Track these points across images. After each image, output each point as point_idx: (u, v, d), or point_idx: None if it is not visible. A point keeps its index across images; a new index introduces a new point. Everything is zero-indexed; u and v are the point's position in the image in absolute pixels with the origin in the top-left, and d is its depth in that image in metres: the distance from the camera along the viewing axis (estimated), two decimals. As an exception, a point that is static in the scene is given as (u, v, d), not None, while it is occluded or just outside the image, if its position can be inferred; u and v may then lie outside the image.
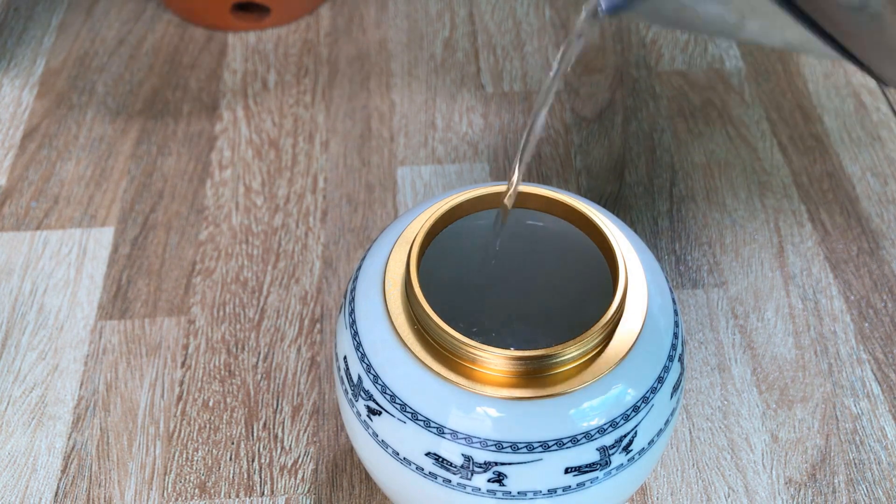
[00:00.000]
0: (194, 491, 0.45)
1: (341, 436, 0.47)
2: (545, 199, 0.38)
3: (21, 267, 0.54)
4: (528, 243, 0.42)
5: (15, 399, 0.49)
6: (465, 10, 0.71)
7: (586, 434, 0.33)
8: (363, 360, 0.35)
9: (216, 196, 0.58)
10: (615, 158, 0.61)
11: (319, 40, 0.69)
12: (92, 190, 0.59)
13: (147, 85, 0.65)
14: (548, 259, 0.43)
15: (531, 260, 0.43)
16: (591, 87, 0.65)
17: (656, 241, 0.56)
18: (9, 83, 0.66)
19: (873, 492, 0.45)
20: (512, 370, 0.33)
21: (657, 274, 0.38)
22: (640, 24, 0.70)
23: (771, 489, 0.46)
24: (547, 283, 0.44)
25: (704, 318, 0.52)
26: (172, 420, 0.48)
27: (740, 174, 0.60)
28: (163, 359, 0.50)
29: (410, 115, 0.64)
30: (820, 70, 0.66)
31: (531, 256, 0.43)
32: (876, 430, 0.48)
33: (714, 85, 0.65)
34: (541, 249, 0.42)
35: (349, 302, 0.37)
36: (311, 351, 0.51)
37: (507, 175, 0.60)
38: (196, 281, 0.54)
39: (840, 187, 0.59)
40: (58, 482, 0.46)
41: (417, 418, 0.34)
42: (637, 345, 0.35)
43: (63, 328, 0.52)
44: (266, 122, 0.63)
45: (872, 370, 0.50)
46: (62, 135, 0.62)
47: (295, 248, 0.56)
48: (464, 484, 0.34)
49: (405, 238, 0.37)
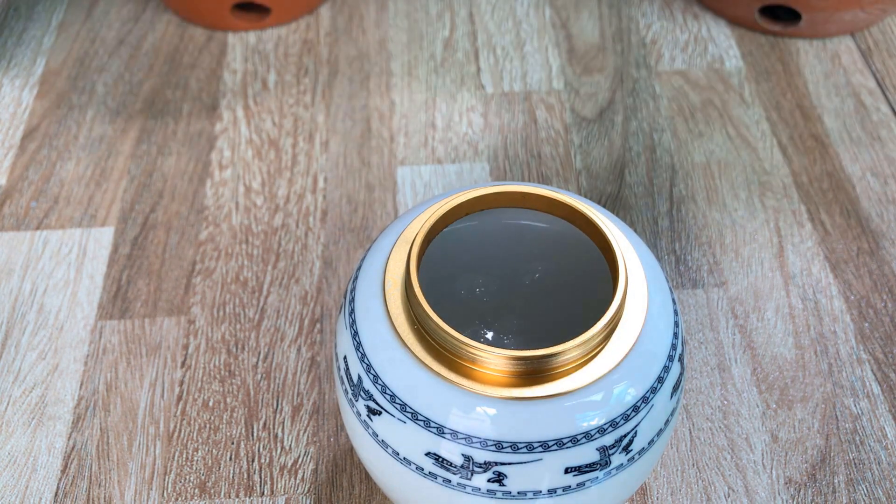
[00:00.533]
0: (194, 491, 0.45)
1: (341, 436, 0.47)
2: (545, 199, 0.38)
3: (21, 267, 0.54)
4: (529, 243, 0.42)
5: (15, 399, 0.49)
6: (465, 10, 0.71)
7: (586, 434, 0.33)
8: (363, 360, 0.35)
9: (216, 196, 0.58)
10: (615, 158, 0.61)
11: (319, 40, 0.69)
12: (92, 190, 0.59)
13: (147, 85, 0.65)
14: (548, 259, 0.43)
15: (531, 260, 0.43)
16: (591, 87, 0.65)
17: (656, 241, 0.56)
18: (9, 83, 0.66)
19: (873, 492, 0.45)
20: (512, 370, 0.33)
21: (657, 274, 0.38)
22: (641, 24, 0.70)
23: (771, 489, 0.45)
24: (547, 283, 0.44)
25: (704, 318, 0.52)
26: (172, 420, 0.48)
27: (740, 174, 0.60)
28: (163, 359, 0.50)
29: (410, 115, 0.63)
30: (820, 70, 0.66)
31: (531, 256, 0.43)
32: (876, 430, 0.48)
33: (714, 85, 0.65)
34: (541, 249, 0.42)
35: (349, 302, 0.37)
36: (311, 351, 0.51)
37: (506, 175, 0.60)
38: (196, 281, 0.54)
39: (840, 187, 0.59)
40: (58, 482, 0.46)
41: (417, 418, 0.34)
42: (637, 345, 0.35)
43: (63, 328, 0.52)
44: (266, 122, 0.63)
45: (872, 370, 0.50)
46: (62, 135, 0.62)
47: (295, 248, 0.56)
48: (464, 484, 0.34)
49: (405, 238, 0.37)
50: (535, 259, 0.43)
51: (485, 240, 0.42)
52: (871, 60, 0.67)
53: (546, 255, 0.42)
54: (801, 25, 0.68)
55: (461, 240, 0.41)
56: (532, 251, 0.42)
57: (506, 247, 0.43)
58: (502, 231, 0.42)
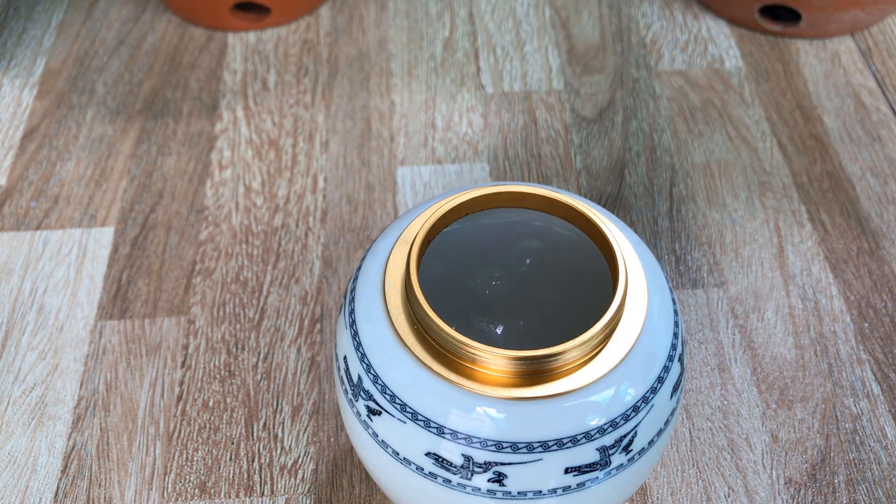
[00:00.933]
0: (194, 491, 0.45)
1: (341, 436, 0.47)
2: (545, 199, 0.38)
3: (21, 267, 0.54)
4: (528, 243, 0.42)
5: (15, 399, 0.49)
6: (465, 10, 0.71)
7: (586, 434, 0.33)
8: (363, 360, 0.35)
9: (216, 196, 0.58)
10: (615, 158, 0.61)
11: (319, 40, 0.69)
12: (92, 190, 0.59)
13: (147, 85, 0.65)
14: (548, 259, 0.43)
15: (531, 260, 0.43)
16: (591, 87, 0.65)
17: (656, 241, 0.56)
18: (9, 83, 0.66)
19: (873, 492, 0.45)
20: (512, 370, 0.33)
21: (657, 274, 0.38)
22: (641, 24, 0.70)
23: (771, 489, 0.45)
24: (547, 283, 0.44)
25: (704, 318, 0.52)
26: (172, 420, 0.48)
27: (740, 174, 0.60)
28: (163, 359, 0.50)
29: (410, 115, 0.63)
30: (820, 70, 0.66)
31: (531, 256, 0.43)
32: (876, 430, 0.48)
33: (714, 85, 0.65)
34: (540, 250, 0.42)
35: (349, 302, 0.37)
36: (311, 351, 0.51)
37: (506, 175, 0.60)
38: (196, 281, 0.54)
39: (840, 187, 0.59)
40: (58, 482, 0.46)
41: (417, 418, 0.34)
42: (637, 345, 0.35)
43: (63, 328, 0.52)
44: (266, 122, 0.63)
45: (872, 370, 0.50)
46: (62, 135, 0.62)
47: (295, 248, 0.56)
48: (464, 484, 0.34)
49: (405, 238, 0.37)
50: (534, 259, 0.43)
51: (485, 240, 0.42)
52: (871, 60, 0.67)
53: (546, 256, 0.42)
54: (801, 25, 0.68)
55: (461, 240, 0.41)
56: (532, 251, 0.42)
57: (505, 247, 0.43)
58: (502, 231, 0.42)
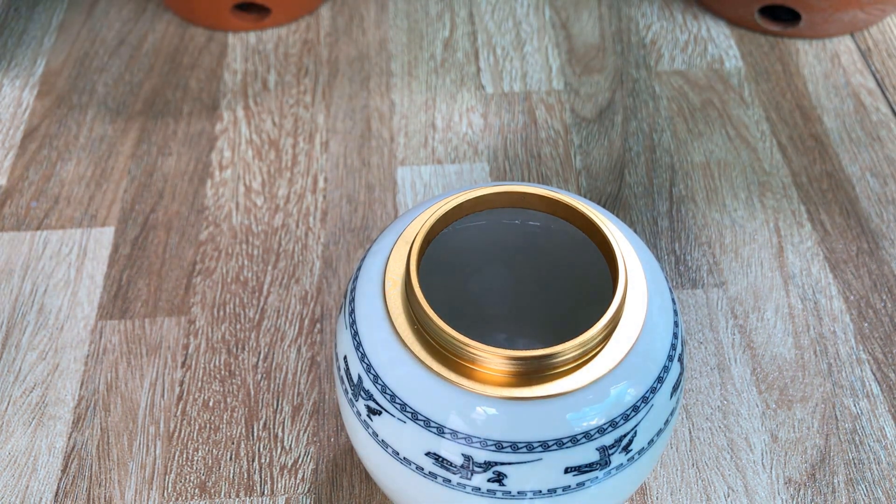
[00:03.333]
0: (194, 491, 0.45)
1: (341, 436, 0.47)
2: (545, 199, 0.38)
3: (21, 267, 0.54)
4: (528, 243, 0.42)
5: (15, 399, 0.49)
6: (465, 10, 0.71)
7: (586, 434, 0.33)
8: (363, 359, 0.35)
9: (216, 196, 0.58)
10: (615, 158, 0.61)
11: (319, 40, 0.69)
12: (92, 190, 0.59)
13: (147, 85, 0.65)
14: (548, 259, 0.43)
15: (531, 260, 0.43)
16: (591, 87, 0.65)
17: (656, 241, 0.56)
18: (9, 83, 0.66)
19: (873, 492, 0.46)
20: (512, 370, 0.33)
21: (657, 274, 0.38)
22: (640, 25, 0.70)
23: (771, 489, 0.46)
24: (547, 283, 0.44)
25: (704, 318, 0.52)
26: (172, 420, 0.48)
27: (740, 174, 0.60)
28: (163, 359, 0.50)
29: (410, 115, 0.64)
30: (820, 70, 0.66)
31: (531, 256, 0.43)
32: (875, 430, 0.48)
33: (714, 85, 0.65)
34: (541, 249, 0.42)
35: (349, 302, 0.37)
36: (311, 351, 0.51)
37: (506, 175, 0.60)
38: (196, 281, 0.54)
39: (840, 187, 0.59)
40: (58, 482, 0.46)
41: (417, 418, 0.34)
42: (637, 345, 0.35)
43: (63, 328, 0.52)
44: (266, 123, 0.63)
45: (872, 370, 0.50)
46: (62, 135, 0.62)
47: (295, 248, 0.56)
48: (464, 484, 0.34)
49: (405, 238, 0.37)
50: (534, 259, 0.43)
51: (485, 240, 0.42)
52: (871, 61, 0.67)
53: (546, 256, 0.42)
54: (801, 26, 0.68)
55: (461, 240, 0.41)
56: (532, 251, 0.43)
57: (505, 247, 0.43)
58: (502, 231, 0.42)
